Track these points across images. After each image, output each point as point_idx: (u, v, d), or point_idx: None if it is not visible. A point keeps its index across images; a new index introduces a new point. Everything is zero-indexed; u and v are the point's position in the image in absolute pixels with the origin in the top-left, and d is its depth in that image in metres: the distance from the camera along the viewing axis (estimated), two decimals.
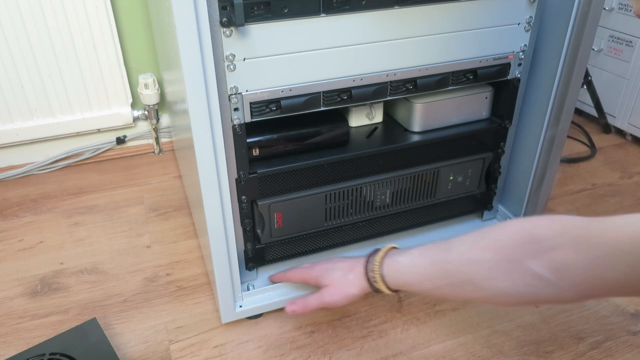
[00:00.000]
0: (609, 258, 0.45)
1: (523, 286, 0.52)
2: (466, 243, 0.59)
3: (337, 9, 0.64)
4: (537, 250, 0.51)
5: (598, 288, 0.47)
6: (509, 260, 0.53)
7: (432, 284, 0.61)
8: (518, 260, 0.52)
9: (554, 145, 0.84)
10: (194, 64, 0.58)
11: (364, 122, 0.84)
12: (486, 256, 0.56)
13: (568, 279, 0.49)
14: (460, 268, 0.58)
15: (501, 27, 0.75)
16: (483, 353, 0.77)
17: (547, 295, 0.51)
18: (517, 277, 0.52)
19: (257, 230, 0.78)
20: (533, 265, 0.51)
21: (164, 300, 0.87)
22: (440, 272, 0.61)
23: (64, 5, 1.08)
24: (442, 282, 0.60)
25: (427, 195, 0.86)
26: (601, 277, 0.46)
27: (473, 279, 0.57)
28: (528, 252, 0.52)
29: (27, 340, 0.80)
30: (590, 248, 0.47)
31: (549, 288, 0.50)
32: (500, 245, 0.55)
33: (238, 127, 0.67)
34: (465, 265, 0.58)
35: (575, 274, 0.48)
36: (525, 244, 0.52)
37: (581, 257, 0.47)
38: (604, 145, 1.34)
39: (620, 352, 0.77)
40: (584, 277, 0.47)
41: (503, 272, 0.54)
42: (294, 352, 0.77)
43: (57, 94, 1.17)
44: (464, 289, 0.58)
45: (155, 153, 1.34)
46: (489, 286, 0.55)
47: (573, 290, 0.49)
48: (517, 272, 0.52)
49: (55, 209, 1.12)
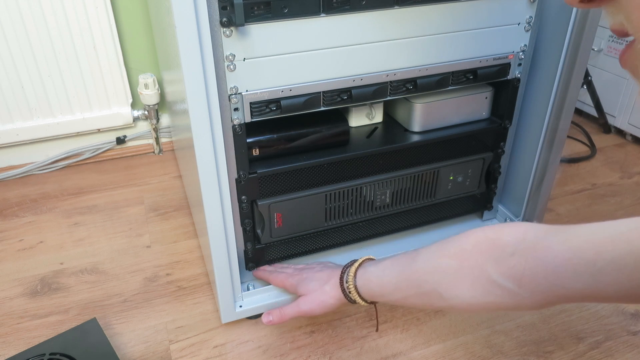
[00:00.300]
0: (571, 267, 0.44)
1: (485, 295, 0.52)
2: (431, 251, 0.59)
3: (337, 9, 0.64)
4: (497, 257, 0.50)
5: (561, 296, 0.46)
6: (470, 267, 0.53)
7: (402, 294, 0.61)
8: (479, 267, 0.52)
9: (554, 145, 0.84)
10: (194, 64, 0.58)
11: (364, 122, 0.84)
12: (449, 263, 0.55)
13: (528, 286, 0.48)
14: (426, 277, 0.58)
15: (501, 27, 0.75)
16: (483, 353, 0.77)
17: (508, 303, 0.50)
18: (480, 287, 0.52)
19: (257, 230, 0.78)
20: (494, 275, 0.50)
21: (164, 300, 0.87)
22: (408, 282, 0.60)
23: (64, 5, 1.08)
24: (410, 292, 0.60)
25: (427, 195, 0.86)
26: (563, 286, 0.45)
27: (438, 288, 0.56)
28: (489, 259, 0.51)
29: (27, 340, 0.80)
30: (550, 258, 0.46)
31: (510, 296, 0.50)
32: (463, 253, 0.54)
33: (238, 127, 0.67)
34: (430, 274, 0.57)
35: (535, 282, 0.47)
36: (487, 250, 0.52)
37: (541, 267, 0.46)
38: (604, 145, 1.34)
39: (620, 352, 0.77)
40: (545, 285, 0.46)
41: (465, 280, 0.53)
42: (294, 352, 0.77)
43: (57, 94, 1.17)
44: (431, 298, 0.58)
45: (155, 153, 1.34)
46: (452, 295, 0.55)
47: (534, 298, 0.48)
48: (479, 280, 0.52)
49: (55, 209, 1.12)
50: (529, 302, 0.49)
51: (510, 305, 0.51)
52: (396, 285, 0.61)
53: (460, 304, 0.54)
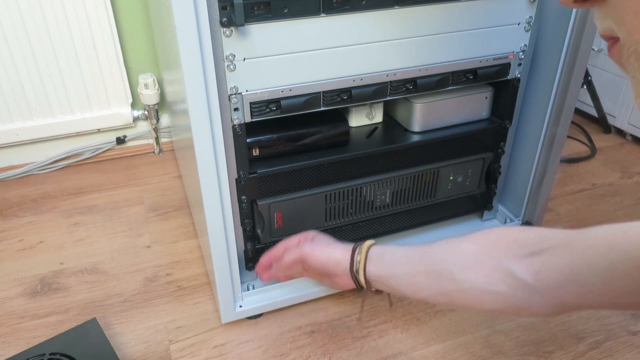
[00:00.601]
0: (586, 260, 0.45)
1: (499, 284, 0.51)
2: (455, 238, 0.59)
3: (337, 9, 0.64)
4: (518, 254, 0.51)
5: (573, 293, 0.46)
6: (490, 257, 0.53)
7: (411, 269, 0.59)
8: (499, 258, 0.52)
9: (554, 145, 0.84)
10: (194, 64, 0.58)
11: (364, 122, 0.84)
12: (468, 247, 0.55)
13: (544, 281, 0.48)
14: (442, 255, 0.57)
15: (501, 27, 0.75)
16: (483, 353, 0.77)
17: (521, 298, 0.50)
18: (495, 275, 0.52)
19: (257, 230, 0.78)
20: (513, 267, 0.50)
21: (164, 300, 0.87)
22: (423, 256, 0.59)
23: (64, 5, 1.08)
24: (421, 268, 0.59)
25: (427, 195, 0.86)
26: (578, 282, 0.45)
27: (452, 268, 0.55)
28: (510, 254, 0.51)
29: (27, 340, 0.80)
30: (568, 253, 0.46)
31: (525, 290, 0.50)
32: (484, 243, 0.55)
33: (238, 127, 0.67)
34: (447, 253, 0.57)
35: (551, 277, 0.47)
36: (509, 246, 0.52)
37: (558, 261, 0.47)
38: (604, 145, 1.34)
39: (620, 352, 0.77)
40: (560, 280, 0.47)
41: (482, 267, 0.53)
42: (294, 352, 0.77)
43: (57, 94, 1.17)
44: (441, 279, 0.56)
45: (155, 153, 1.34)
46: (466, 278, 0.54)
47: (548, 295, 0.48)
48: (496, 270, 0.52)
49: (55, 209, 1.12)
50: (541, 300, 0.49)
51: (523, 300, 0.50)
52: (409, 258, 0.60)
53: (470, 289, 0.54)
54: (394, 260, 0.62)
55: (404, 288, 0.61)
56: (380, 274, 0.63)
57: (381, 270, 0.63)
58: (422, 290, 0.59)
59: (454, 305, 0.58)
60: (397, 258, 0.62)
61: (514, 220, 0.95)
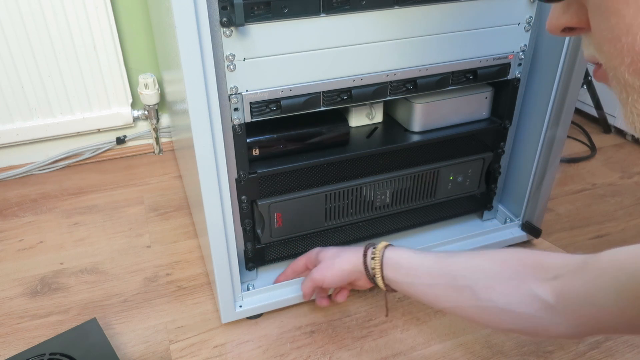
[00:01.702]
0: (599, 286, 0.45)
1: (521, 305, 0.52)
2: (472, 252, 0.59)
3: (337, 9, 0.64)
4: (541, 277, 0.51)
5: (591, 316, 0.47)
6: (511, 278, 0.53)
7: (431, 281, 0.60)
8: (521, 280, 0.53)
9: (554, 145, 0.84)
10: (194, 64, 0.58)
11: (364, 122, 0.84)
12: (492, 267, 0.56)
13: (564, 303, 0.49)
14: (464, 272, 0.58)
15: (501, 27, 0.75)
16: (483, 353, 0.77)
17: (543, 318, 0.51)
18: (517, 295, 0.52)
19: (257, 230, 0.78)
20: (536, 289, 0.51)
21: (164, 300, 0.87)
22: (442, 271, 0.60)
23: (64, 5, 1.08)
24: (441, 281, 0.59)
25: (427, 195, 0.86)
26: (594, 304, 0.46)
27: (474, 285, 0.56)
28: (532, 276, 0.52)
29: (27, 340, 0.80)
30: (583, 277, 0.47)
31: (546, 311, 0.50)
32: (507, 263, 0.55)
33: (238, 127, 0.67)
34: (469, 270, 0.57)
35: (571, 299, 0.48)
36: (532, 267, 0.53)
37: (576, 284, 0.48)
38: (604, 145, 1.34)
39: (620, 352, 0.77)
40: (577, 303, 0.48)
41: (504, 287, 0.54)
42: (294, 352, 0.77)
43: (57, 94, 1.17)
44: (461, 294, 0.57)
45: (155, 153, 1.34)
46: (487, 297, 0.55)
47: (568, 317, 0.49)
48: (518, 290, 0.52)
49: (55, 209, 1.12)
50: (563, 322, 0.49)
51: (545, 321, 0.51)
52: (429, 270, 0.61)
53: (491, 307, 0.54)
54: (412, 269, 0.63)
55: (422, 296, 0.62)
56: (397, 280, 0.64)
57: (398, 277, 0.64)
58: (440, 302, 0.60)
59: (471, 320, 0.58)
60: (415, 267, 0.62)
61: (514, 220, 0.95)
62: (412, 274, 0.62)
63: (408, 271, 0.63)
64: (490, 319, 0.56)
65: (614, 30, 0.28)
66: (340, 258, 0.70)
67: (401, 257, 0.64)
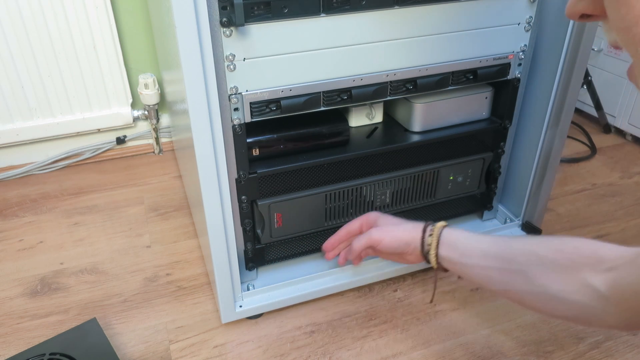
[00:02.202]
0: None
1: (574, 293, 0.52)
2: (532, 239, 0.60)
3: (337, 9, 0.64)
4: (596, 267, 0.52)
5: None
6: (566, 266, 0.54)
7: (485, 263, 0.61)
8: (576, 269, 0.53)
9: (554, 145, 0.84)
10: (194, 64, 0.58)
11: (364, 122, 0.84)
12: (546, 254, 0.56)
13: (618, 294, 0.49)
14: (520, 257, 0.58)
15: (501, 27, 0.75)
16: (483, 353, 0.77)
17: (594, 307, 0.51)
18: (571, 283, 0.53)
19: (257, 230, 0.78)
20: (590, 278, 0.51)
21: (164, 300, 0.87)
22: (498, 254, 0.60)
23: (64, 5, 1.08)
24: (496, 264, 0.60)
25: (427, 195, 0.86)
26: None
27: (528, 271, 0.56)
28: (588, 266, 0.52)
29: (27, 340, 0.80)
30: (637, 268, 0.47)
31: (599, 301, 0.51)
32: (562, 251, 0.55)
33: (238, 127, 0.67)
34: (525, 255, 0.58)
35: (625, 291, 0.48)
36: (587, 257, 0.53)
37: (629, 276, 0.48)
38: (604, 145, 1.34)
39: (620, 352, 0.77)
40: (630, 294, 0.48)
41: (559, 273, 0.54)
42: (294, 352, 0.77)
43: (57, 94, 1.17)
44: (515, 279, 0.58)
45: (155, 153, 1.34)
46: (541, 283, 0.55)
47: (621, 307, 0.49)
48: (573, 279, 0.53)
49: (55, 209, 1.12)
50: (616, 312, 0.50)
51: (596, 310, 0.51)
52: (484, 252, 0.61)
53: (544, 294, 0.55)
54: (467, 249, 0.63)
55: (474, 277, 0.63)
56: (452, 259, 0.65)
57: (453, 257, 0.65)
58: (493, 284, 0.61)
59: (522, 304, 0.59)
60: (471, 248, 0.63)
61: (514, 220, 0.95)
62: (467, 254, 0.63)
63: (463, 251, 0.64)
64: (542, 305, 0.56)
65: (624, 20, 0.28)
66: (400, 227, 0.71)
67: (458, 237, 0.65)
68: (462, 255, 0.64)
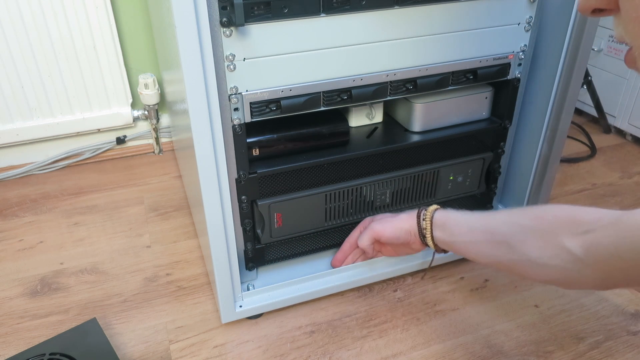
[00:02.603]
0: (629, 240, 0.47)
1: (552, 257, 0.55)
2: (511, 211, 0.64)
3: (337, 9, 0.64)
4: (574, 231, 0.53)
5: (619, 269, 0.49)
6: (545, 232, 0.56)
7: (473, 237, 0.65)
8: (553, 234, 0.55)
9: (554, 145, 0.84)
10: (194, 64, 0.58)
11: (364, 122, 0.84)
12: (526, 223, 0.59)
13: (593, 256, 0.51)
14: (501, 227, 0.62)
15: (501, 27, 0.75)
16: (483, 353, 0.77)
17: (571, 270, 0.53)
18: (549, 248, 0.55)
19: (257, 230, 0.78)
20: (567, 242, 0.53)
21: (164, 300, 0.87)
22: (484, 226, 0.64)
23: (64, 5, 1.08)
24: (483, 237, 0.64)
25: (427, 195, 0.86)
26: (621, 258, 0.48)
27: (510, 240, 0.60)
28: (565, 230, 0.54)
29: (27, 340, 0.80)
30: (614, 232, 0.49)
31: (575, 263, 0.52)
32: (541, 218, 0.58)
33: (238, 127, 0.67)
34: (506, 225, 0.61)
35: (598, 252, 0.50)
36: (565, 222, 0.55)
37: (608, 237, 0.50)
38: (604, 145, 1.34)
39: (620, 352, 0.77)
40: (605, 256, 0.49)
41: (537, 240, 0.56)
42: (294, 352, 0.77)
43: (57, 94, 1.17)
44: (499, 249, 0.61)
45: (155, 153, 1.34)
46: (522, 251, 0.58)
47: (596, 268, 0.51)
48: (550, 244, 0.55)
49: (55, 209, 1.12)
50: (590, 274, 0.51)
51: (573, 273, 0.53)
52: (471, 227, 0.66)
53: (526, 261, 0.58)
54: (457, 227, 0.68)
55: (466, 253, 0.68)
56: (445, 240, 0.70)
57: (445, 237, 0.70)
58: (483, 257, 0.65)
59: (513, 272, 0.62)
60: (460, 226, 0.68)
61: None
62: (456, 232, 0.68)
63: (453, 230, 0.69)
64: (525, 272, 0.59)
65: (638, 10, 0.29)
66: (398, 218, 0.76)
67: (449, 217, 0.70)
68: (453, 234, 0.68)
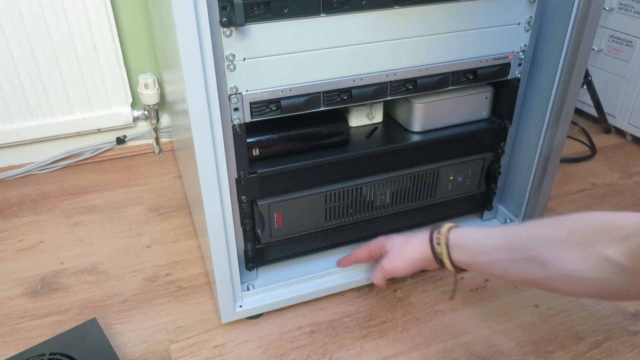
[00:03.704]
0: None
1: (591, 269, 0.50)
2: (538, 223, 0.58)
3: (337, 9, 0.64)
4: (612, 238, 0.49)
5: None
6: (579, 243, 0.52)
7: (497, 257, 0.60)
8: (590, 245, 0.51)
9: (554, 145, 0.84)
10: (194, 64, 0.58)
11: (364, 122, 0.84)
12: (559, 235, 0.54)
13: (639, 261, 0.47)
14: (530, 243, 0.57)
15: (501, 27, 0.75)
16: (483, 353, 0.77)
17: (615, 281, 0.49)
18: (587, 259, 0.51)
19: (257, 230, 0.78)
20: (606, 250, 0.49)
21: (164, 300, 0.87)
22: (509, 245, 0.59)
23: (64, 5, 1.08)
24: (508, 256, 0.59)
25: (427, 195, 0.86)
26: None
27: (540, 256, 0.55)
28: (602, 239, 0.50)
29: (27, 340, 0.80)
30: None
31: (620, 273, 0.48)
32: (574, 228, 0.53)
33: (238, 127, 0.67)
34: (536, 240, 0.56)
35: None
36: (601, 230, 0.51)
37: None
38: (604, 145, 1.34)
39: (620, 352, 0.77)
40: None
41: (573, 252, 0.52)
42: (294, 352, 0.77)
43: (57, 94, 1.17)
44: (529, 266, 0.56)
45: (155, 153, 1.34)
46: (556, 265, 0.53)
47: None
48: (588, 256, 0.51)
49: (55, 209, 1.12)
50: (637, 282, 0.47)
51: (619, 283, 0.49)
52: (495, 246, 0.60)
53: (560, 276, 0.53)
54: (477, 248, 0.63)
55: (491, 273, 0.62)
56: (465, 261, 0.64)
57: (465, 259, 0.64)
58: (510, 276, 0.60)
59: (545, 289, 0.58)
60: (480, 246, 0.63)
61: (514, 220, 0.95)
62: (477, 252, 0.62)
63: (473, 251, 0.63)
64: (563, 288, 0.54)
65: None
66: (408, 247, 0.71)
67: (466, 237, 0.65)
68: (474, 255, 0.63)
